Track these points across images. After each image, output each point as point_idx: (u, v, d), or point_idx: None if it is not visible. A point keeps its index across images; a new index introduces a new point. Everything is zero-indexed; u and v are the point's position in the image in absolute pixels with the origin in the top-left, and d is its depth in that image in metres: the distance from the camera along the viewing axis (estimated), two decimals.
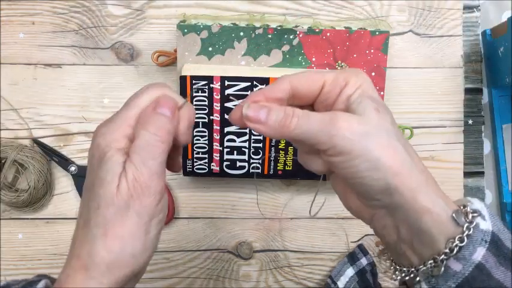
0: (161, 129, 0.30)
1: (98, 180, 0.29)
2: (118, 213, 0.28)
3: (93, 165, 0.30)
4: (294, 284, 0.58)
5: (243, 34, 0.51)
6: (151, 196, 0.29)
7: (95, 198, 0.29)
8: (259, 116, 0.31)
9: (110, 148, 0.29)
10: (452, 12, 0.55)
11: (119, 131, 0.30)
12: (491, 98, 0.57)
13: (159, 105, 0.30)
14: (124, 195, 0.28)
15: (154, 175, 0.29)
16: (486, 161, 0.58)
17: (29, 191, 0.53)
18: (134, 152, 0.29)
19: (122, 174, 0.29)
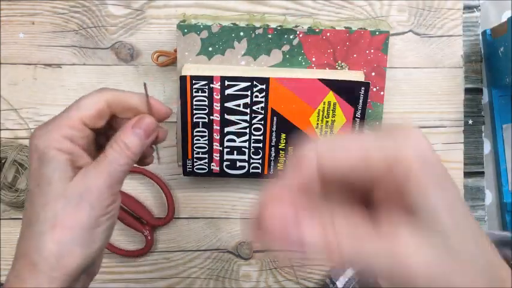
0: (132, 149, 0.32)
1: (43, 179, 0.29)
2: (69, 205, 0.29)
3: (34, 167, 0.30)
4: (294, 284, 0.58)
5: (243, 34, 0.51)
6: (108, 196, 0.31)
7: (42, 195, 0.29)
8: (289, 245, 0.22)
9: (50, 149, 0.30)
10: (452, 12, 0.55)
11: (58, 132, 0.30)
12: (491, 98, 0.57)
13: (137, 125, 0.32)
14: (78, 188, 0.30)
15: (114, 178, 0.31)
16: (486, 161, 0.58)
17: None
18: (102, 158, 0.31)
19: (72, 174, 0.30)
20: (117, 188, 0.32)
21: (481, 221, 0.57)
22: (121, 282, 0.57)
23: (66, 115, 0.32)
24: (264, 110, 0.51)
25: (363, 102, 0.50)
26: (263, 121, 0.51)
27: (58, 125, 0.31)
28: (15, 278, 0.29)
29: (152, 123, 0.33)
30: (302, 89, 0.50)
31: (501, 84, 0.55)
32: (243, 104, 0.50)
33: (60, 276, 0.28)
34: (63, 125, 0.31)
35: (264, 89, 0.50)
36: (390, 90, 0.55)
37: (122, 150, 0.31)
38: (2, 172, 0.53)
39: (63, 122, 0.31)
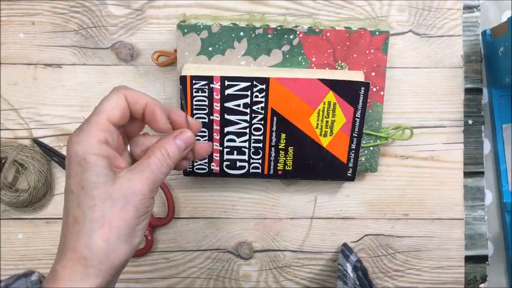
0: (172, 158, 0.35)
1: (88, 183, 0.32)
2: (116, 206, 0.32)
3: (75, 171, 0.32)
4: (294, 284, 0.58)
5: (243, 34, 0.51)
6: (149, 198, 0.34)
7: (88, 198, 0.32)
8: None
9: (90, 155, 0.32)
10: (452, 12, 0.55)
11: (93, 138, 0.33)
12: (491, 98, 0.57)
13: (179, 137, 0.36)
14: (124, 191, 0.32)
15: (156, 183, 0.34)
16: (486, 161, 0.58)
17: (29, 191, 0.53)
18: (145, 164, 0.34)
19: (115, 177, 0.33)
20: (156, 191, 0.35)
21: (481, 221, 0.58)
22: (121, 282, 0.57)
23: (96, 119, 0.33)
24: (264, 110, 0.51)
25: (363, 102, 0.50)
26: (263, 121, 0.51)
27: (92, 129, 0.33)
28: (63, 268, 0.32)
29: (191, 138, 0.36)
30: (302, 89, 0.50)
31: (501, 84, 0.55)
32: (243, 104, 0.50)
33: (106, 269, 0.32)
34: (96, 129, 0.33)
35: (264, 89, 0.50)
36: (390, 90, 0.55)
37: (164, 159, 0.35)
38: (2, 172, 0.53)
39: (96, 127, 0.33)
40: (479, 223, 0.58)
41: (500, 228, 0.59)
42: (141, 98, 0.35)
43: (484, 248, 0.58)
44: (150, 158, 0.34)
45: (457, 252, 0.57)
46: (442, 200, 0.57)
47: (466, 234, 0.57)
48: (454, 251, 0.57)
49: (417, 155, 0.56)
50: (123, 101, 0.35)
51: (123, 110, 0.35)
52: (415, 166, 0.56)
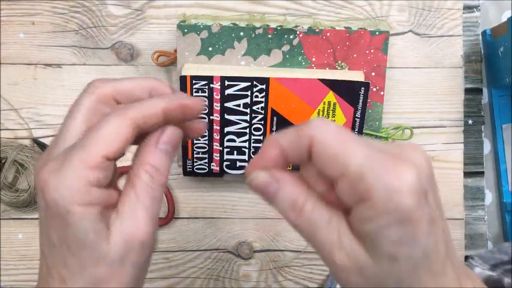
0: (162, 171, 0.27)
1: (74, 242, 0.25)
2: (111, 269, 0.26)
3: (56, 224, 0.25)
4: (294, 284, 0.58)
5: (243, 34, 0.51)
6: (149, 245, 0.27)
7: (76, 259, 0.25)
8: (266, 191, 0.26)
9: (74, 205, 0.24)
10: (452, 12, 0.55)
11: (78, 182, 0.24)
12: (491, 98, 0.57)
13: (161, 140, 0.27)
14: (119, 250, 0.25)
15: (152, 220, 0.26)
16: (486, 161, 0.58)
17: (29, 191, 0.53)
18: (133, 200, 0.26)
19: (108, 230, 0.25)
20: (157, 225, 0.27)
21: (481, 221, 0.58)
22: None
23: (83, 152, 0.25)
24: (264, 110, 0.51)
25: (363, 102, 0.50)
26: (263, 121, 0.51)
27: (76, 168, 0.24)
28: None
29: (176, 131, 0.27)
30: (302, 89, 0.50)
31: (501, 84, 0.55)
32: (243, 104, 0.50)
33: None
34: (82, 167, 0.24)
35: (264, 89, 0.50)
36: (390, 90, 0.55)
37: (153, 179, 0.26)
38: (2, 172, 0.53)
39: (82, 164, 0.24)
40: (479, 223, 0.58)
41: (500, 228, 0.59)
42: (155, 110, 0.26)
43: (484, 248, 0.58)
44: (136, 187, 0.26)
45: (457, 252, 0.57)
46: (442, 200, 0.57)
47: (466, 234, 0.57)
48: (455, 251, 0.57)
49: None
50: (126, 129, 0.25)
51: (126, 140, 0.26)
52: None
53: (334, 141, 0.23)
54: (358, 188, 0.22)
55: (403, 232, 0.22)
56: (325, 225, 0.24)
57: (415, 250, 0.23)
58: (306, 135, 0.24)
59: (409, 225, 0.22)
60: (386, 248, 0.23)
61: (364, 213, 0.23)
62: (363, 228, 0.23)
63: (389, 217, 0.22)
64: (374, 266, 0.23)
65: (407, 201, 0.22)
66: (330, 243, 0.24)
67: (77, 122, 0.27)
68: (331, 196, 0.25)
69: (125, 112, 0.26)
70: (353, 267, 0.24)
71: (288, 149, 0.25)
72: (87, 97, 0.28)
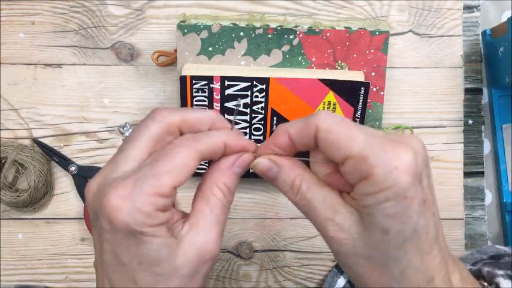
0: (233, 191, 0.29)
1: (147, 259, 0.26)
2: (183, 282, 0.27)
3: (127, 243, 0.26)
4: (294, 284, 0.58)
5: (243, 34, 0.51)
6: (217, 257, 0.28)
7: (149, 275, 0.26)
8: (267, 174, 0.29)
9: (145, 227, 0.25)
10: (452, 12, 0.55)
11: (149, 207, 0.25)
12: (491, 98, 0.58)
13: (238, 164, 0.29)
14: (193, 264, 0.27)
15: (222, 236, 0.28)
16: (486, 161, 0.58)
17: (29, 191, 0.53)
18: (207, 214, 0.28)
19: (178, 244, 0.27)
20: (221, 240, 0.29)
21: (481, 221, 0.58)
22: None
23: (154, 180, 0.26)
24: (264, 110, 0.51)
25: (363, 102, 0.50)
26: (263, 121, 0.51)
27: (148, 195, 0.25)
28: None
29: (250, 157, 0.30)
30: (302, 89, 0.50)
31: (501, 84, 0.55)
32: (243, 104, 0.50)
33: None
34: (153, 195, 0.26)
35: (264, 89, 0.50)
36: (390, 90, 0.55)
37: (226, 196, 0.29)
38: (2, 172, 0.53)
39: (153, 191, 0.26)
40: (479, 223, 0.58)
41: (500, 228, 0.59)
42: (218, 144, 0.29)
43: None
44: (211, 203, 0.28)
45: (457, 252, 0.57)
46: (442, 200, 0.57)
47: (466, 234, 0.57)
48: (454, 251, 0.57)
49: None
50: (193, 161, 0.27)
51: (192, 170, 0.27)
52: None
53: (337, 128, 0.26)
54: (360, 168, 0.25)
55: (397, 207, 0.25)
56: (320, 203, 0.28)
57: (406, 226, 0.25)
58: (312, 124, 0.27)
59: (403, 202, 0.25)
60: (380, 220, 0.25)
61: (365, 189, 0.25)
62: (363, 203, 0.26)
63: (387, 192, 0.25)
64: (366, 239, 0.26)
65: (403, 179, 0.25)
66: (324, 219, 0.27)
67: (141, 146, 0.28)
68: (335, 178, 0.28)
69: (194, 144, 0.28)
70: (346, 238, 0.27)
71: (296, 137, 0.28)
72: (155, 125, 0.28)
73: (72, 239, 0.56)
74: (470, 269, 0.36)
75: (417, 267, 0.27)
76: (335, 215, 0.27)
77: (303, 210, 0.29)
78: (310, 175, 0.29)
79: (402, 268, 0.27)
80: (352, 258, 0.27)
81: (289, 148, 0.29)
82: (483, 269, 0.34)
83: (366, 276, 0.27)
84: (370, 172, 0.25)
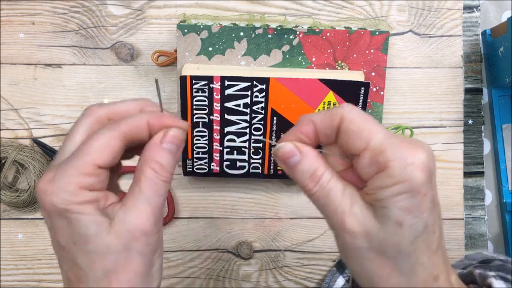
0: (166, 167, 0.29)
1: (78, 237, 0.27)
2: (118, 259, 0.27)
3: (60, 224, 0.27)
4: (294, 284, 0.58)
5: (243, 34, 0.51)
6: (152, 235, 0.28)
7: (84, 254, 0.27)
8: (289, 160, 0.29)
9: (71, 205, 0.26)
10: (452, 12, 0.55)
11: (73, 185, 0.26)
12: (491, 98, 0.57)
13: (166, 139, 0.29)
14: (122, 239, 0.27)
15: (154, 212, 0.28)
16: (486, 160, 0.58)
17: (29, 191, 0.53)
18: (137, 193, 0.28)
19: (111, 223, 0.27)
20: (161, 218, 0.29)
21: (481, 221, 0.58)
22: None
23: (75, 162, 0.27)
24: (264, 110, 0.51)
25: (363, 102, 0.50)
26: (263, 121, 0.51)
27: (70, 175, 0.27)
28: None
29: (180, 133, 0.30)
30: (302, 89, 0.50)
31: (501, 84, 0.55)
32: (243, 104, 0.50)
33: None
34: (76, 174, 0.27)
35: (264, 89, 0.50)
36: (390, 90, 0.55)
37: (158, 173, 0.28)
38: (2, 172, 0.53)
39: (76, 171, 0.27)
40: (479, 223, 0.58)
41: (500, 228, 0.59)
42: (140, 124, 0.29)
43: (484, 247, 0.58)
44: (141, 182, 0.28)
45: (457, 252, 0.57)
46: (442, 200, 0.57)
47: (466, 234, 0.57)
48: (454, 250, 0.57)
49: None
50: (115, 141, 0.28)
51: (116, 151, 0.28)
52: None
53: (360, 120, 0.27)
54: (378, 159, 0.26)
55: (411, 202, 0.26)
56: (340, 194, 0.28)
57: (418, 221, 0.26)
58: (337, 114, 0.28)
59: (417, 197, 0.26)
60: (394, 213, 0.26)
61: (381, 182, 0.26)
62: (377, 196, 0.27)
63: (402, 186, 0.26)
64: (380, 232, 0.27)
65: (418, 174, 0.26)
66: (342, 210, 0.27)
67: (75, 140, 0.29)
68: (347, 175, 0.29)
69: (115, 127, 0.28)
70: (361, 231, 0.27)
71: (320, 126, 0.29)
72: (84, 119, 0.31)
73: None
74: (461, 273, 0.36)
75: (425, 264, 0.27)
76: (353, 206, 0.28)
77: (319, 202, 0.29)
78: (331, 167, 0.29)
79: (412, 265, 0.27)
80: (364, 252, 0.27)
81: (313, 137, 0.30)
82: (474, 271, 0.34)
83: (376, 273, 0.28)
84: (386, 165, 0.26)
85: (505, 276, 0.33)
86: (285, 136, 0.31)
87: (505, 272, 0.35)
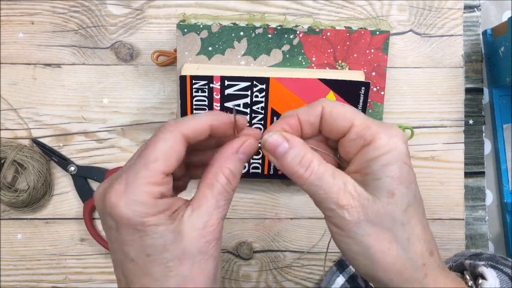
0: (237, 176, 0.30)
1: (154, 249, 0.27)
2: (195, 264, 0.27)
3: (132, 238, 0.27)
4: (294, 284, 0.57)
5: (243, 34, 0.50)
6: (220, 240, 0.29)
7: (159, 264, 0.27)
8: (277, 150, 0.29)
9: (146, 217, 0.26)
10: (452, 11, 0.55)
11: (145, 196, 0.26)
12: (491, 97, 0.57)
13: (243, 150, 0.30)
14: (197, 244, 0.27)
15: (223, 220, 0.29)
16: (487, 161, 0.58)
17: (28, 191, 0.53)
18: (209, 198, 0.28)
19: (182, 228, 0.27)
20: (222, 223, 0.29)
21: (482, 221, 0.57)
22: None
23: (144, 171, 0.27)
24: (264, 110, 0.50)
25: (363, 102, 0.50)
26: (263, 121, 0.51)
27: (141, 184, 0.26)
28: None
29: (254, 143, 0.30)
30: (302, 89, 0.50)
31: (502, 84, 0.55)
32: (243, 103, 0.50)
33: None
34: (147, 184, 0.26)
35: (264, 88, 0.50)
36: (390, 90, 0.55)
37: (229, 181, 0.29)
38: (2, 172, 0.53)
39: (146, 181, 0.26)
40: (480, 223, 0.57)
41: (500, 228, 0.59)
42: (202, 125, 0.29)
43: (485, 248, 0.58)
44: (214, 188, 0.28)
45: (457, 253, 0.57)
46: (442, 200, 0.57)
47: (466, 235, 0.57)
48: (455, 251, 0.57)
49: (418, 155, 0.56)
50: (179, 145, 0.28)
51: (180, 154, 0.28)
52: (416, 166, 0.56)
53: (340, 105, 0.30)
54: (365, 133, 0.28)
55: (400, 170, 0.28)
56: (331, 176, 0.29)
57: (408, 191, 0.28)
58: (318, 105, 0.30)
59: (405, 167, 0.28)
60: (387, 182, 0.27)
61: (369, 154, 0.28)
62: (367, 170, 0.28)
63: (390, 155, 0.27)
64: (374, 204, 0.28)
65: (402, 146, 0.28)
66: (337, 190, 0.28)
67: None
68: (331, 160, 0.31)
69: (177, 128, 0.28)
70: (357, 205, 0.28)
71: (304, 116, 0.30)
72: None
73: (71, 239, 0.56)
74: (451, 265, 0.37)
75: (420, 236, 0.29)
76: (346, 184, 0.28)
77: (311, 187, 0.29)
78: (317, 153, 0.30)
79: (408, 235, 0.28)
80: (363, 227, 0.28)
81: (297, 129, 0.31)
82: (465, 262, 0.35)
83: (376, 248, 0.28)
84: (374, 137, 0.28)
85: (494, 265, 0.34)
86: (270, 127, 0.31)
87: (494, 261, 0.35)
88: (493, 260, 0.36)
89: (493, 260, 0.36)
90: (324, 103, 0.30)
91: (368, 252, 0.28)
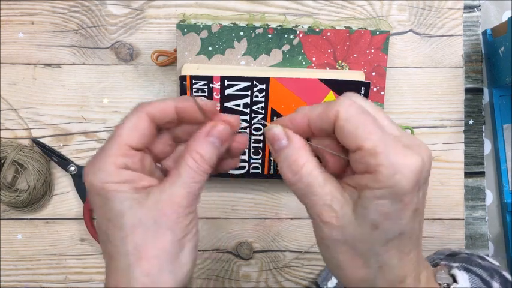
0: (207, 160, 0.30)
1: (113, 213, 0.28)
2: (148, 233, 0.28)
3: (98, 204, 0.29)
4: (294, 284, 0.57)
5: (243, 34, 0.50)
6: (185, 215, 0.29)
7: (117, 229, 0.28)
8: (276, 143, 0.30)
9: (108, 183, 0.28)
10: (452, 11, 0.55)
11: (110, 165, 0.29)
12: (491, 97, 0.57)
13: (212, 133, 0.31)
14: (153, 214, 0.28)
15: (191, 196, 0.29)
16: (487, 161, 0.58)
17: (28, 191, 0.53)
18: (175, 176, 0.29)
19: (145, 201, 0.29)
20: (195, 205, 0.30)
21: (482, 221, 0.57)
22: None
23: (110, 145, 0.29)
24: (264, 110, 0.50)
25: None
26: (263, 121, 0.51)
27: (106, 156, 0.29)
28: None
29: (226, 130, 0.31)
30: (302, 89, 0.50)
31: (502, 84, 0.55)
32: (243, 103, 0.50)
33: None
34: (111, 155, 0.29)
35: (264, 88, 0.50)
36: (390, 90, 0.55)
37: (198, 164, 0.30)
38: (2, 172, 0.53)
39: (111, 153, 0.29)
40: (480, 223, 0.57)
41: (500, 229, 0.59)
42: (167, 106, 0.31)
43: (485, 248, 0.58)
44: (181, 167, 0.30)
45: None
46: (442, 200, 0.57)
47: (466, 235, 0.57)
48: None
49: None
50: (142, 121, 0.30)
51: (144, 130, 0.30)
52: None
53: (356, 120, 0.27)
54: (369, 161, 0.26)
55: (390, 208, 0.26)
56: (320, 189, 0.28)
57: (394, 227, 0.27)
58: (333, 111, 0.28)
59: (398, 205, 0.26)
60: (373, 216, 0.26)
61: (367, 182, 0.27)
62: (360, 194, 0.27)
63: (386, 192, 0.26)
64: (356, 229, 0.27)
65: (405, 184, 0.26)
66: (322, 204, 0.28)
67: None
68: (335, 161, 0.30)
69: (143, 108, 0.30)
70: (337, 226, 0.28)
71: (315, 120, 0.29)
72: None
73: (71, 239, 0.56)
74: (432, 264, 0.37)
75: (394, 266, 0.28)
76: (333, 201, 0.28)
77: (298, 192, 0.29)
78: (315, 160, 0.30)
79: (381, 264, 0.28)
80: (338, 244, 0.28)
81: (302, 131, 0.30)
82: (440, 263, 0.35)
83: (346, 264, 0.29)
84: (376, 169, 0.26)
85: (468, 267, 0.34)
86: (279, 119, 0.31)
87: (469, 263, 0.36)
88: (468, 261, 0.36)
89: (467, 261, 0.36)
90: (340, 111, 0.27)
91: (339, 266, 0.29)
